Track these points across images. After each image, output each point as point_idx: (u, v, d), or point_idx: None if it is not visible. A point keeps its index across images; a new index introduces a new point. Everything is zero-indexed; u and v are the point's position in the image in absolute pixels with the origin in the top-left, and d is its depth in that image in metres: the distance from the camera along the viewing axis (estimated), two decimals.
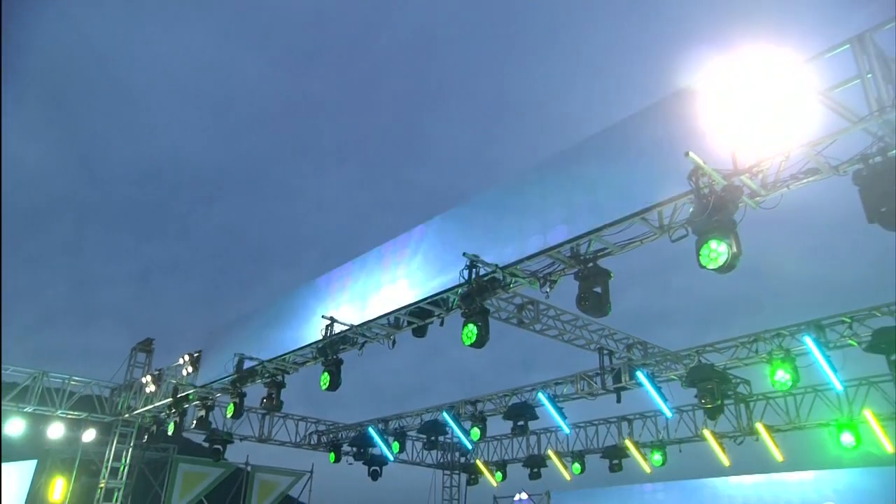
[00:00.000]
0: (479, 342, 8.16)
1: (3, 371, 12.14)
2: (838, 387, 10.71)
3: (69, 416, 12.89)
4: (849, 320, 9.97)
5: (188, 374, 12.07)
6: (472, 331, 8.16)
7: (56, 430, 12.66)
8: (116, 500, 12.90)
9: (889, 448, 11.93)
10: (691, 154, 5.70)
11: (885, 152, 5.50)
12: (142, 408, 12.90)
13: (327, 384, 10.17)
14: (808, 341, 9.82)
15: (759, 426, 13.02)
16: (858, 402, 12.09)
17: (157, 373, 12.73)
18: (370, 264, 9.94)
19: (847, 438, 12.04)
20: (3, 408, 12.05)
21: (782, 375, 10.13)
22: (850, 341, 9.95)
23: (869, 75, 5.44)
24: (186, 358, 12.11)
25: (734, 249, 5.92)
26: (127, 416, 13.21)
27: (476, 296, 7.98)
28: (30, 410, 12.27)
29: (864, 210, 5.57)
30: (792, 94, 5.62)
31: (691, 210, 6.29)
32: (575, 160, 7.45)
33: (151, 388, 12.62)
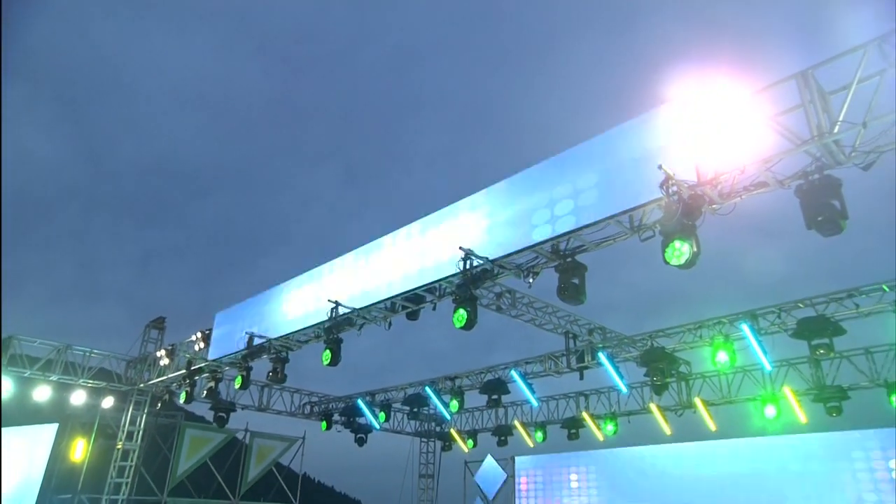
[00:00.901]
0: (469, 325, 8.34)
1: (31, 344, 12.01)
2: (768, 367, 11.18)
3: (90, 385, 12.74)
4: (777, 311, 10.44)
5: (200, 349, 12.07)
6: (462, 315, 8.34)
7: (78, 397, 12.52)
8: (131, 460, 12.82)
9: (803, 419, 12.59)
10: (664, 166, 6.00)
11: (822, 171, 5.88)
12: (156, 379, 12.81)
13: (329, 360, 10.25)
14: (745, 328, 10.19)
15: (697, 400, 13.48)
16: (780, 381, 12.63)
17: (170, 347, 12.65)
18: (371, 254, 9.98)
19: (770, 411, 12.55)
20: (29, 377, 11.90)
21: (723, 357, 10.48)
22: (778, 329, 10.48)
23: (810, 105, 5.83)
24: (199, 335, 12.07)
25: (695, 249, 6.26)
26: (142, 385, 13.09)
27: (469, 284, 8.19)
28: (55, 379, 12.13)
29: (803, 219, 5.98)
30: (747, 118, 5.95)
31: (661, 214, 6.66)
32: (559, 167, 7.62)
33: (165, 361, 12.52)
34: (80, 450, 13.16)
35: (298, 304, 10.99)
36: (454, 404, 13.90)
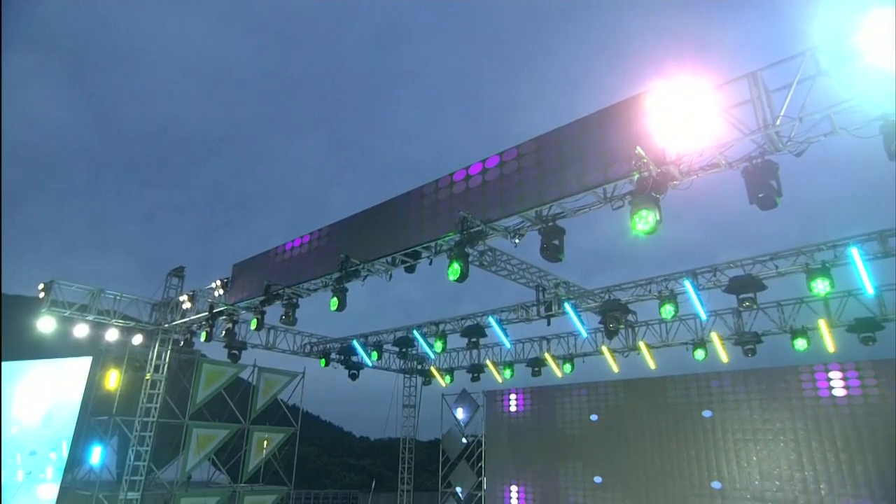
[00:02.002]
0: (462, 278, 8.61)
1: (69, 288, 12.00)
2: (704, 316, 11.96)
3: (121, 325, 12.82)
4: (713, 270, 11.02)
5: (219, 295, 12.21)
6: (456, 269, 8.58)
7: (112, 335, 12.61)
8: (158, 389, 13.00)
9: (725, 359, 13.48)
10: (639, 149, 6.41)
11: (763, 156, 6.37)
12: (179, 320, 12.94)
13: (336, 306, 10.33)
14: (687, 284, 10.84)
15: (641, 344, 14.16)
16: (708, 328, 13.40)
17: (191, 293, 12.76)
18: (376, 213, 10.18)
19: (699, 354, 13.50)
20: (69, 315, 11.93)
21: (668, 309, 11.04)
22: (713, 285, 11.16)
23: (758, 101, 6.27)
24: (218, 282, 12.19)
25: (658, 217, 6.74)
26: (166, 325, 13.18)
27: (466, 243, 8.48)
28: (91, 318, 12.16)
29: (747, 195, 6.50)
30: (706, 109, 6.34)
31: (630, 188, 7.08)
32: (546, 145, 7.90)
33: (188, 305, 12.64)
34: (113, 379, 13.38)
35: (309, 256, 11.13)
36: (438, 345, 14.33)
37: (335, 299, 10.44)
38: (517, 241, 8.58)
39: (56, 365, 14.56)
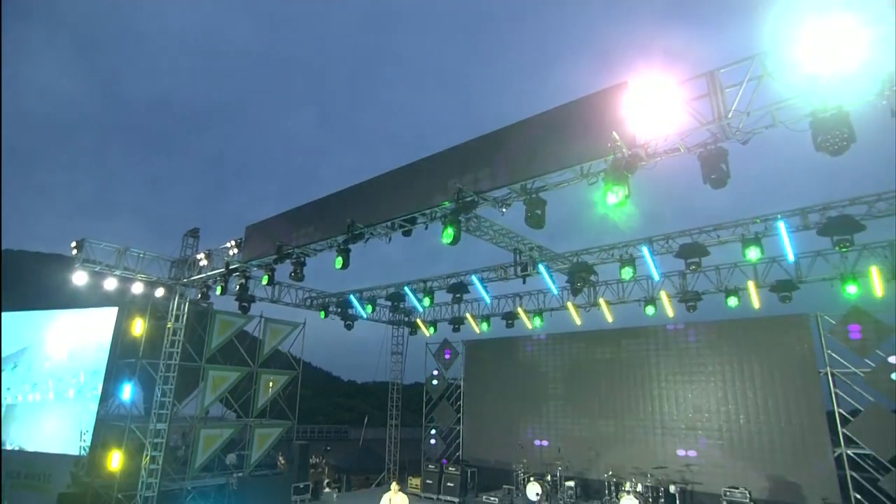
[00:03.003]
0: (455, 241, 8.86)
1: (98, 245, 12.00)
2: (657, 277, 12.68)
3: (146, 279, 12.92)
4: (667, 238, 11.54)
5: (234, 254, 12.35)
6: (450, 233, 8.86)
7: (137, 287, 12.69)
8: (178, 336, 13.20)
9: (670, 314, 14.34)
10: (615, 133, 6.84)
11: (716, 143, 6.87)
12: (197, 276, 13.09)
13: (341, 265, 10.56)
14: (644, 250, 11.44)
15: (601, 300, 14.83)
16: (658, 288, 14.00)
17: (207, 252, 12.84)
18: (377, 183, 10.36)
19: (650, 309, 14.30)
20: (99, 270, 11.97)
21: (627, 271, 11.52)
22: (666, 251, 11.77)
23: (714, 96, 6.71)
24: (233, 242, 12.25)
25: (627, 192, 7.24)
26: (185, 280, 13.31)
27: (460, 210, 8.78)
28: (118, 273, 12.21)
29: (701, 176, 7.02)
30: (671, 101, 6.74)
31: (604, 166, 7.52)
32: (533, 126, 8.15)
33: (204, 262, 12.73)
34: (139, 327, 13.53)
35: (317, 220, 11.27)
36: (426, 300, 14.86)
37: (339, 259, 10.61)
38: (504, 210, 8.98)
39: (86, 313, 14.84)
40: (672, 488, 12.95)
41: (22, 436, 15.35)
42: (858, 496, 11.62)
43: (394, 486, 9.24)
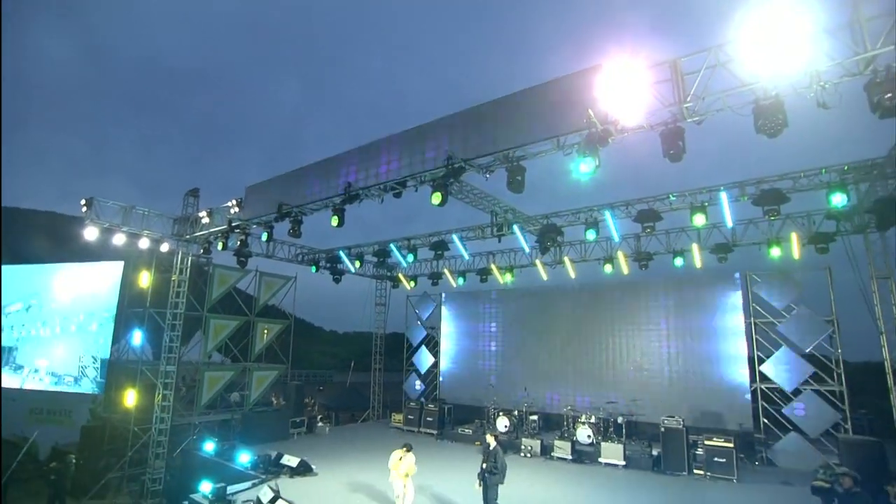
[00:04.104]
0: (442, 202, 9.28)
1: (105, 204, 11.88)
2: (616, 239, 13.48)
3: (152, 236, 12.91)
4: (626, 204, 12.10)
5: (235, 212, 12.42)
6: (438, 195, 9.25)
7: (144, 243, 12.66)
8: (182, 287, 13.35)
9: (625, 271, 15.28)
10: (590, 111, 7.34)
11: (675, 123, 7.49)
12: (199, 232, 13.16)
13: (337, 223, 10.85)
14: (607, 214, 12.12)
15: (566, 258, 15.50)
16: (616, 248, 14.83)
17: (209, 210, 12.89)
18: (371, 148, 10.48)
19: (608, 268, 15.12)
20: (108, 227, 11.91)
21: (591, 233, 12.02)
22: (626, 215, 12.43)
23: (675, 81, 7.25)
24: (234, 201, 12.29)
25: (597, 163, 7.81)
26: (188, 236, 13.36)
27: (450, 175, 9.15)
28: (126, 230, 12.18)
29: (661, 151, 7.64)
30: (639, 83, 7.23)
31: (578, 139, 8.04)
32: (516, 101, 8.44)
33: (206, 220, 12.80)
34: (145, 279, 13.62)
35: (314, 181, 11.42)
36: (410, 257, 15.34)
37: (335, 217, 10.85)
38: (488, 176, 9.41)
39: (94, 266, 14.88)
40: (619, 419, 14.23)
41: (34, 362, 16.76)
42: (766, 421, 13.17)
43: (404, 448, 8.66)
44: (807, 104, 6.33)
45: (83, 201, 11.51)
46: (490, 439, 8.52)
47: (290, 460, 11.03)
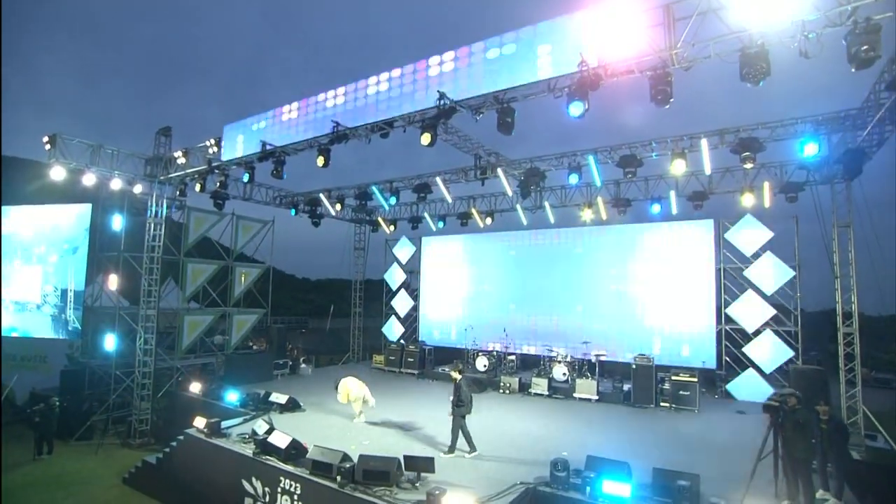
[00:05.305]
0: (432, 143, 9.50)
1: (70, 141, 11.53)
2: (599, 184, 13.98)
3: (125, 176, 12.62)
4: (610, 149, 12.45)
5: (213, 152, 12.30)
6: (427, 136, 9.46)
7: (116, 184, 12.39)
8: (159, 231, 13.33)
9: (604, 217, 15.98)
10: (582, 53, 7.62)
11: (664, 68, 7.72)
12: (174, 173, 12.98)
13: (323, 163, 11.00)
14: (591, 159, 12.56)
15: (546, 204, 15.97)
16: (595, 194, 15.65)
17: (185, 150, 12.64)
18: (361, 87, 10.49)
19: (587, 213, 15.58)
20: (74, 167, 11.60)
21: (574, 177, 12.44)
22: (608, 160, 12.92)
23: (668, 26, 7.57)
24: (212, 141, 12.16)
25: (587, 106, 8.16)
26: (162, 178, 13.19)
27: (441, 116, 9.29)
28: (94, 171, 11.82)
29: (650, 95, 8.02)
30: (631, 28, 7.55)
31: (568, 82, 8.32)
32: (508, 41, 8.59)
33: (182, 160, 12.57)
34: (118, 222, 13.49)
35: (299, 121, 11.37)
36: (392, 199, 15.51)
37: (321, 158, 10.97)
38: (478, 117, 9.59)
39: (56, 210, 14.58)
40: (593, 358, 15.39)
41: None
42: (728, 359, 14.57)
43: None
44: (788, 54, 6.76)
45: (46, 138, 11.13)
46: (455, 374, 9.28)
47: (279, 398, 11.70)
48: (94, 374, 13.91)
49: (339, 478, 7.23)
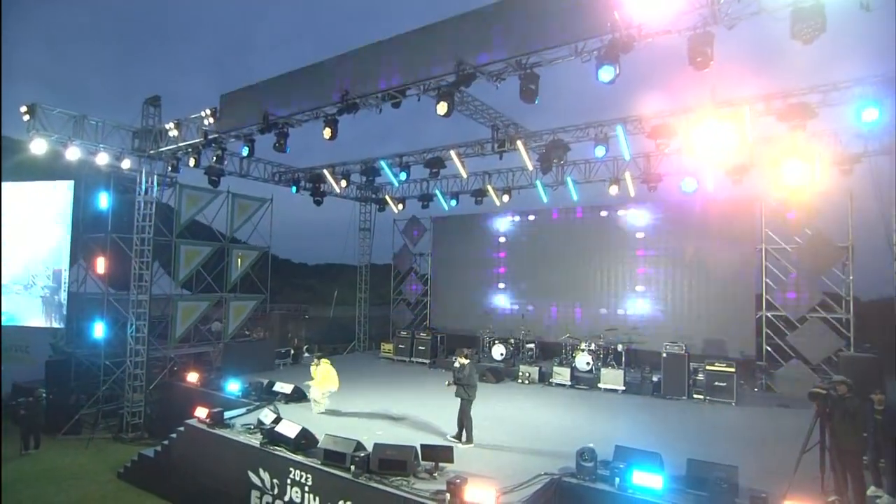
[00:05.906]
0: (448, 113, 9.65)
1: (51, 112, 11.71)
2: (628, 157, 13.99)
3: (112, 150, 12.78)
4: (639, 120, 12.41)
5: (209, 124, 12.38)
6: (444, 105, 9.62)
7: (102, 158, 12.52)
8: (149, 210, 13.53)
9: (632, 193, 15.90)
10: (616, 13, 7.62)
11: (705, 27, 7.76)
12: (166, 147, 13.12)
13: (330, 135, 11.11)
14: (619, 129, 12.55)
15: (568, 179, 16.03)
16: (624, 169, 15.63)
17: (177, 121, 12.76)
18: (371, 53, 10.48)
19: (613, 189, 15.35)
20: (55, 140, 11.74)
21: (601, 149, 12.51)
22: (638, 131, 12.84)
23: None
24: (208, 111, 12.15)
25: (618, 71, 8.20)
26: (152, 152, 13.35)
27: (460, 83, 9.32)
28: (77, 144, 11.95)
29: (687, 58, 8.03)
30: None
31: (598, 46, 8.34)
32: (532, 1, 8.61)
33: (174, 132, 12.63)
34: (104, 200, 13.74)
35: (304, 90, 11.40)
36: (403, 175, 15.61)
37: (328, 129, 11.08)
38: (498, 84, 9.60)
39: (34, 188, 14.65)
40: (620, 347, 15.58)
41: None
42: (769, 349, 14.68)
43: (315, 361, 11.68)
44: (848, 6, 6.70)
45: (24, 108, 11.22)
46: (461, 360, 9.45)
47: (284, 387, 12.05)
48: (80, 364, 14.31)
49: (352, 467, 7.53)
